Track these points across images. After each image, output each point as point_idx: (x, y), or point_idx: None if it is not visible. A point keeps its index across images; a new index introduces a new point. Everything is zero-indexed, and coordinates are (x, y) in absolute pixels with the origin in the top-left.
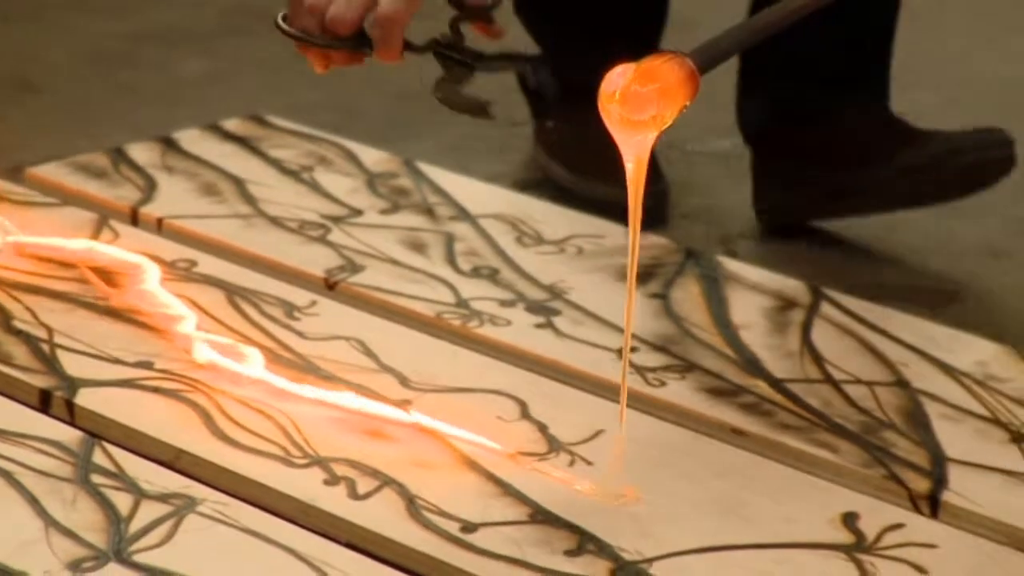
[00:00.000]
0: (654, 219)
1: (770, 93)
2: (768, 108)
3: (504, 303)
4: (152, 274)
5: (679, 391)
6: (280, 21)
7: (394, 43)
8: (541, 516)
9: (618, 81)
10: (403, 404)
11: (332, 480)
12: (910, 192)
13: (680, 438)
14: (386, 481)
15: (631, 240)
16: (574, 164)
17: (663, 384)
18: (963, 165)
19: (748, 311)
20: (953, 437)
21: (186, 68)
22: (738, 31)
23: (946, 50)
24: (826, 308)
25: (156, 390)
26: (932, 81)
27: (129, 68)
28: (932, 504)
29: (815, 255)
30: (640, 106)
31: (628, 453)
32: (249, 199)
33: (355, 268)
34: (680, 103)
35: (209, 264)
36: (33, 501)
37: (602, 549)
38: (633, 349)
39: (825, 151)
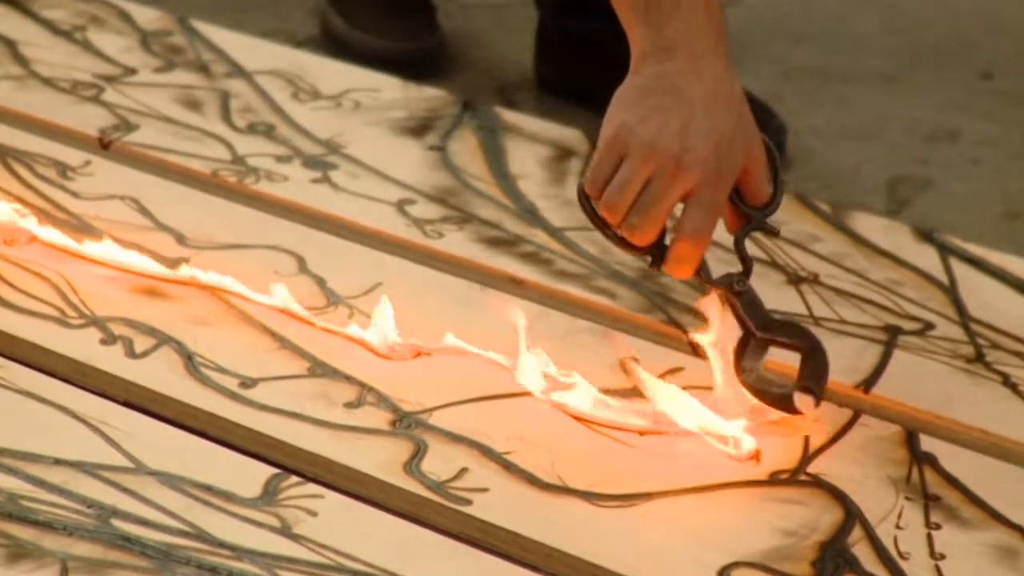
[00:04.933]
0: (431, 70)
1: None
2: None
3: (281, 159)
4: None
5: (457, 242)
6: (584, 184)
7: (688, 269)
8: (320, 370)
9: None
10: (180, 262)
11: (109, 339)
12: None
13: (459, 289)
14: (163, 339)
15: None
16: (354, 17)
17: (441, 236)
18: None
19: (526, 161)
20: None
21: None
22: None
23: None
24: None
25: None
26: None
27: None
28: None
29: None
30: None
31: (405, 305)
32: (21, 60)
33: (129, 127)
34: None
35: None
36: None
37: (382, 400)
38: (411, 202)
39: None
